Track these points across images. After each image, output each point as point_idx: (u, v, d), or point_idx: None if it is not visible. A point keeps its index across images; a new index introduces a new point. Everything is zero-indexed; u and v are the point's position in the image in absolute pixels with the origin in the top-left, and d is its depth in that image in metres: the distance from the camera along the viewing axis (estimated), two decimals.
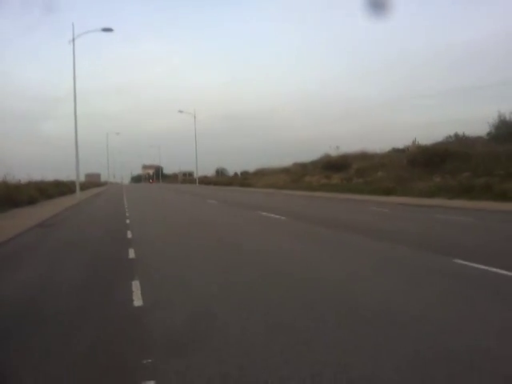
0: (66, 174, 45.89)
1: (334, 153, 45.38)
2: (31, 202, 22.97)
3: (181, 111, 72.12)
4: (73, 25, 32.00)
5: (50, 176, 44.57)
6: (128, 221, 13.48)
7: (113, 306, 4.65)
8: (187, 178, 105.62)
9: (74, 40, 32.31)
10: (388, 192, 22.88)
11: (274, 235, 9.48)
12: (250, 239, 8.99)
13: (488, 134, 30.00)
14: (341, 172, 35.93)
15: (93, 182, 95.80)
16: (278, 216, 12.97)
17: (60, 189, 37.80)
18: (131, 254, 7.60)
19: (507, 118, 28.27)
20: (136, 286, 5.34)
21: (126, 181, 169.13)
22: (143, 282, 5.54)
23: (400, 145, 43.64)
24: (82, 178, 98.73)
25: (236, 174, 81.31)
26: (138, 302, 4.69)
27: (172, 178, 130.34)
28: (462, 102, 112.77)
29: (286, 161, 60.04)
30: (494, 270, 5.42)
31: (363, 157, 40.93)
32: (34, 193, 24.52)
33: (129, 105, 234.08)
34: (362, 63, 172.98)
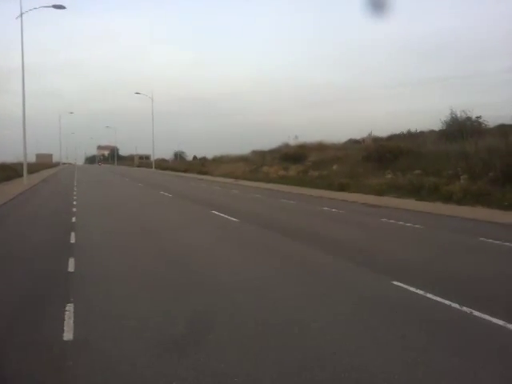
0: (14, 155, 43.78)
1: (292, 142, 45.91)
2: None
3: (138, 93, 70.44)
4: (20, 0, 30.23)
5: None
6: (74, 219, 12.98)
7: (36, 340, 4.31)
8: (144, 161, 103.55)
9: (21, 15, 30.65)
10: (341, 188, 23.20)
11: (225, 246, 9.28)
12: (199, 252, 8.69)
13: (440, 130, 30.90)
14: (298, 163, 36.18)
15: (44, 163, 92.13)
16: (230, 217, 12.83)
17: (6, 173, 36.05)
18: (71, 267, 7.25)
19: (458, 115, 29.07)
20: (70, 312, 5.08)
21: (80, 162, 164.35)
22: (78, 306, 5.28)
23: (358, 135, 44.76)
24: (33, 159, 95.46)
25: (195, 157, 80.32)
26: (68, 334, 4.45)
27: (128, 161, 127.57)
28: (425, 93, 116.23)
29: (246, 147, 60.19)
30: (435, 298, 5.44)
31: (320, 148, 41.47)
32: None
33: (84, 83, 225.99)
34: (327, 51, 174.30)
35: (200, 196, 21.54)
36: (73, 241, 9.56)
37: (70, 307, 5.22)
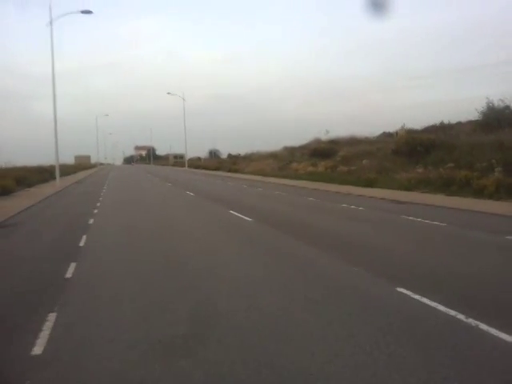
0: (53, 158, 44.78)
1: (323, 137, 45.14)
2: (4, 193, 22.44)
3: (169, 93, 71.18)
4: (50, 7, 30.96)
5: (37, 159, 44.19)
6: (91, 221, 13.02)
7: (1, 353, 4.12)
8: (178, 160, 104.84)
9: (51, 22, 31.40)
10: (369, 183, 22.47)
11: (229, 247, 9.01)
12: (205, 257, 8.47)
13: (476, 121, 29.44)
14: (328, 159, 35.50)
15: (82, 164, 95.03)
16: (245, 217, 12.53)
17: (42, 175, 37.18)
18: (69, 272, 7.13)
19: (495, 104, 27.56)
20: (50, 322, 4.90)
21: (119, 162, 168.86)
22: (61, 316, 5.10)
23: (392, 128, 43.47)
24: (72, 161, 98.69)
25: (230, 155, 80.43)
26: (38, 348, 4.26)
27: (164, 160, 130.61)
28: (460, 82, 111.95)
29: (279, 142, 60.02)
30: (440, 307, 4.94)
31: (352, 142, 40.66)
32: (8, 183, 23.89)
33: (121, 85, 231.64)
34: (357, 43, 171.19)
35: (222, 195, 21.35)
36: (82, 244, 9.50)
37: (51, 317, 5.05)
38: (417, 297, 5.32)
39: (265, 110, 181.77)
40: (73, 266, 7.47)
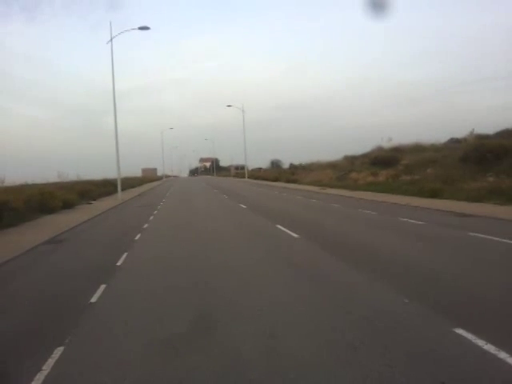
0: (123, 170, 46.03)
1: (386, 144, 43.24)
2: (66, 206, 23.28)
3: (229, 106, 71.94)
4: (110, 24, 32.13)
5: (105, 172, 46.00)
6: (138, 236, 12.86)
7: None
8: (239, 171, 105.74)
9: (111, 40, 32.47)
10: (433, 194, 20.81)
11: (267, 273, 8.28)
12: (234, 283, 7.86)
13: None
14: (389, 168, 33.76)
15: (148, 176, 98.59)
16: (292, 233, 11.76)
17: (106, 188, 38.57)
18: (96, 296, 6.71)
19: None
20: (53, 359, 4.45)
21: (185, 174, 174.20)
22: (67, 353, 4.63)
23: (460, 134, 40.84)
24: (139, 173, 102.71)
25: (292, 165, 79.64)
26: None
27: (226, 171, 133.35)
28: None
29: (340, 151, 58.54)
30: (509, 359, 3.93)
31: (417, 149, 38.63)
32: (70, 197, 24.82)
33: (184, 99, 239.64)
34: (422, 47, 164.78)
35: (273, 207, 20.63)
36: (119, 263, 9.19)
37: (57, 353, 4.60)
38: (480, 343, 4.30)
39: (327, 119, 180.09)
40: (102, 288, 7.10)
